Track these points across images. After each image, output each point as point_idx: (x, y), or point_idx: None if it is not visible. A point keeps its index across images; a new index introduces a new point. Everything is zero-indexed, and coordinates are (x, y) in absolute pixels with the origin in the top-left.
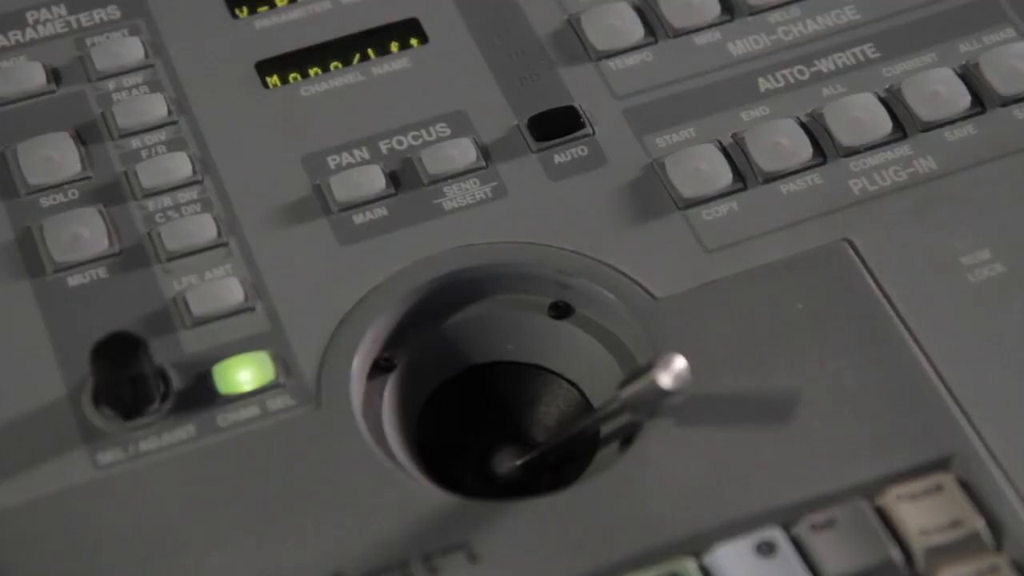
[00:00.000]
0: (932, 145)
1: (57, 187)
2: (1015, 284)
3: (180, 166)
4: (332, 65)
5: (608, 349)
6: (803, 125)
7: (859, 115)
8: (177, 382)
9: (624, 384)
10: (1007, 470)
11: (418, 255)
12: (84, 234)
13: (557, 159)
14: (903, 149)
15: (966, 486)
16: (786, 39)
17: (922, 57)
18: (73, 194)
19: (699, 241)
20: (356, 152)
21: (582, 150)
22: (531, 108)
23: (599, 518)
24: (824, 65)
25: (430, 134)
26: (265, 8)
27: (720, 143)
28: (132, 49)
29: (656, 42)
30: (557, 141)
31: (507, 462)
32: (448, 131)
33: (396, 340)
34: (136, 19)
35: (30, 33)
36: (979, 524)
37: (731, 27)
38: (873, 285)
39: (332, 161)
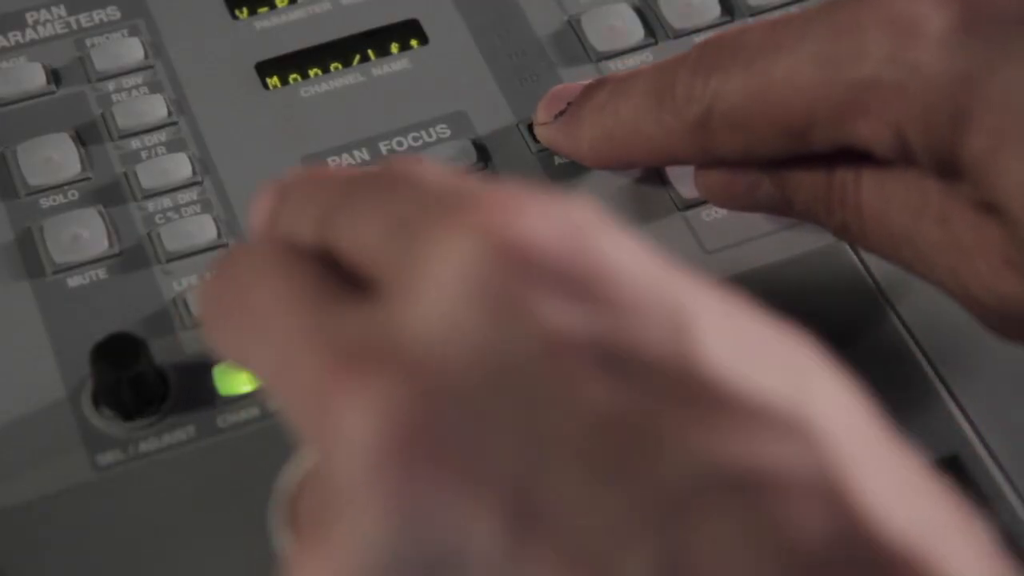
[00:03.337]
0: None
1: (57, 188)
2: None
3: (180, 167)
4: (332, 66)
5: None
6: None
7: None
8: (177, 383)
9: None
10: (1007, 470)
11: None
12: (84, 235)
13: (557, 160)
14: None
15: (966, 487)
16: None
17: None
18: (73, 195)
19: (699, 242)
20: (356, 153)
21: None
22: (531, 109)
23: None
24: None
25: (430, 135)
26: (265, 9)
27: None
28: (132, 50)
29: (656, 43)
30: None
31: None
32: (448, 132)
33: None
34: (136, 20)
35: (30, 34)
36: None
37: (731, 28)
38: (873, 285)
39: (332, 162)
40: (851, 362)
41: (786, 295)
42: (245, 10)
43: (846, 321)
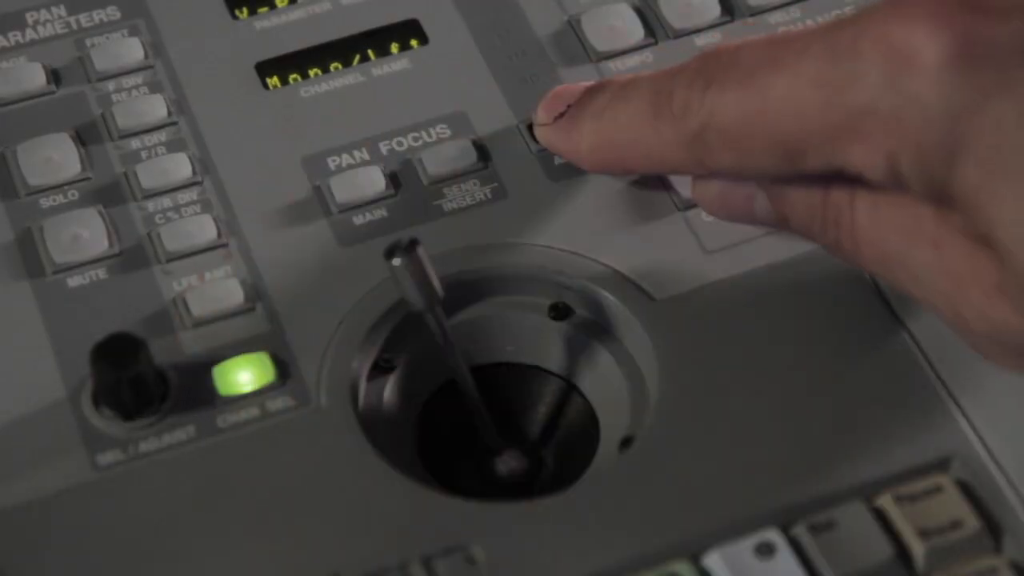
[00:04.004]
0: None
1: (57, 188)
2: None
3: (180, 167)
4: (332, 66)
5: (608, 350)
6: None
7: None
8: (177, 383)
9: None
10: (1007, 470)
11: None
12: (84, 235)
13: (557, 160)
14: None
15: (965, 487)
16: None
17: None
18: (73, 195)
19: (699, 242)
20: (356, 153)
21: None
22: (531, 109)
23: (598, 519)
24: None
25: (430, 135)
26: (265, 9)
27: None
28: (132, 50)
29: (656, 43)
30: None
31: (507, 463)
32: (448, 132)
33: (396, 341)
34: (136, 20)
35: (30, 34)
36: (978, 525)
37: (731, 28)
38: (873, 285)
39: (332, 162)
40: (851, 363)
41: (786, 295)
42: (245, 10)
43: (845, 321)
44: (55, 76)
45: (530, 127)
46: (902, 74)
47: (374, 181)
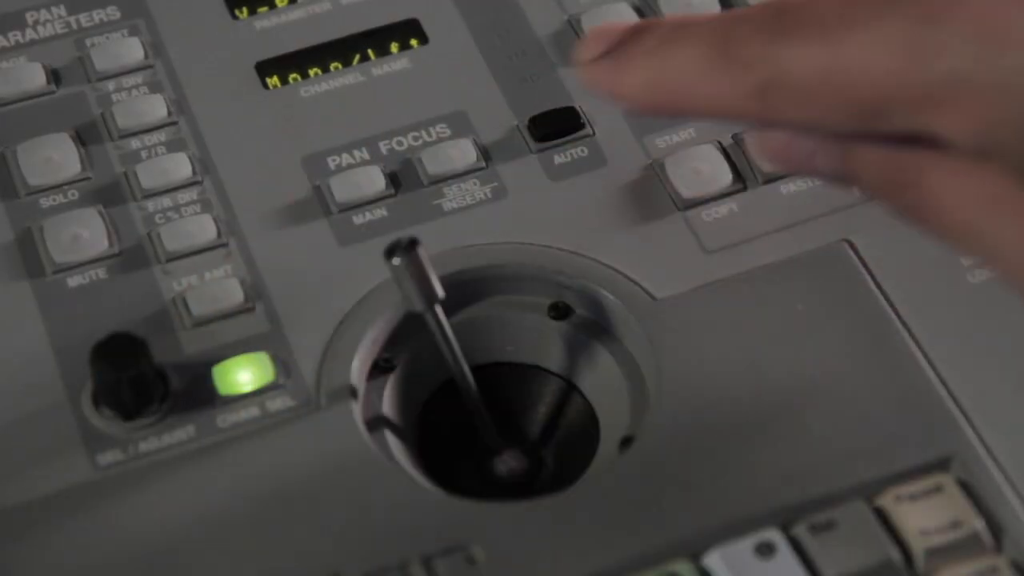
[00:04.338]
0: None
1: (57, 188)
2: None
3: (180, 167)
4: (332, 66)
5: (608, 350)
6: None
7: None
8: (177, 383)
9: None
10: (1007, 470)
11: None
12: (84, 235)
13: (557, 160)
14: None
15: (966, 487)
16: None
17: None
18: (73, 195)
19: (699, 242)
20: (356, 153)
21: (582, 151)
22: (531, 108)
23: (598, 519)
24: None
25: (430, 135)
26: (265, 9)
27: (720, 144)
28: (132, 50)
29: None
30: (557, 141)
31: (507, 463)
32: (448, 132)
33: (396, 341)
34: (136, 19)
35: (30, 33)
36: (979, 525)
37: None
38: (873, 285)
39: (332, 162)
40: (851, 363)
41: (786, 295)
42: (245, 10)
43: (846, 321)
44: (55, 76)
45: (530, 127)
46: (996, 46)
47: (374, 181)
